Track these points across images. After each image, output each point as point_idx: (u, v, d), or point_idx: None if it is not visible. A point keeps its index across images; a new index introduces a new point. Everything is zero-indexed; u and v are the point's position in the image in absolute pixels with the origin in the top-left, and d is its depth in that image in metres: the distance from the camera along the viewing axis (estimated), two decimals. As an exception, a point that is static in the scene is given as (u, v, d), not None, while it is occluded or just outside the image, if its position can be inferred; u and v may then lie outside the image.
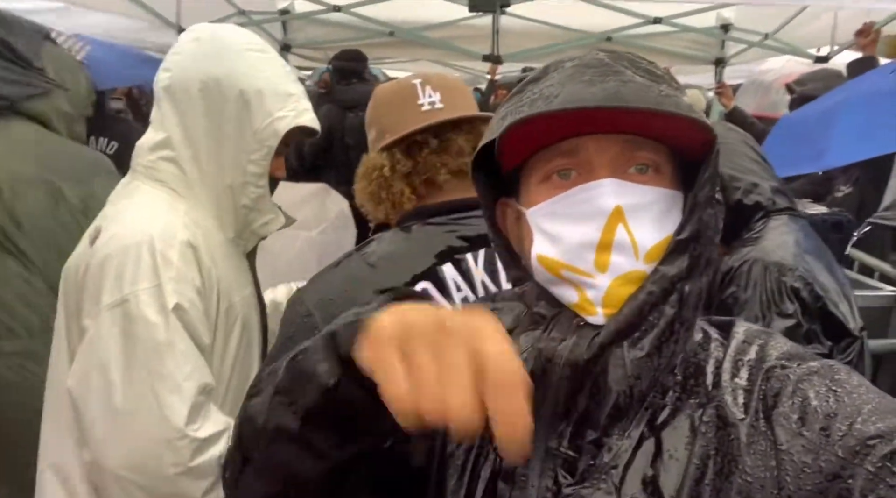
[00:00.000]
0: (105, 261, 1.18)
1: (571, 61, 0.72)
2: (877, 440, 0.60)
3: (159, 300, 1.17)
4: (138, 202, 1.28)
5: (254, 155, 1.30)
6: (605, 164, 0.70)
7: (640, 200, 0.69)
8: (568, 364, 0.69)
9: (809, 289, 1.43)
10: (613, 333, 0.68)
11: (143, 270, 1.17)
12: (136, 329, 1.15)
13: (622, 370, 0.68)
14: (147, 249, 1.18)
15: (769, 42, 4.30)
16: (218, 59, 1.28)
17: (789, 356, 0.71)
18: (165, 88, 1.29)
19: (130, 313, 1.15)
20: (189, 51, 1.30)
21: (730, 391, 0.70)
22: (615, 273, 0.68)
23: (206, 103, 1.27)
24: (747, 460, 0.66)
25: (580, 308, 0.70)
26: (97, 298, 1.17)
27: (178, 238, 1.23)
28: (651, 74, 0.70)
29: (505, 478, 0.73)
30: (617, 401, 0.69)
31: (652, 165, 0.71)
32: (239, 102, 1.27)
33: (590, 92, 0.66)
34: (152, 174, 1.30)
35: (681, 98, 0.69)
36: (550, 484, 0.70)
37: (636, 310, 0.68)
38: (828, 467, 0.61)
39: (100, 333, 1.16)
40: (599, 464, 0.69)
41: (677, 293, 0.69)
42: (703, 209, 0.70)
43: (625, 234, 0.68)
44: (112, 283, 1.17)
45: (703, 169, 0.70)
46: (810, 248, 1.53)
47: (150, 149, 1.30)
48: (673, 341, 0.70)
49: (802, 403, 0.66)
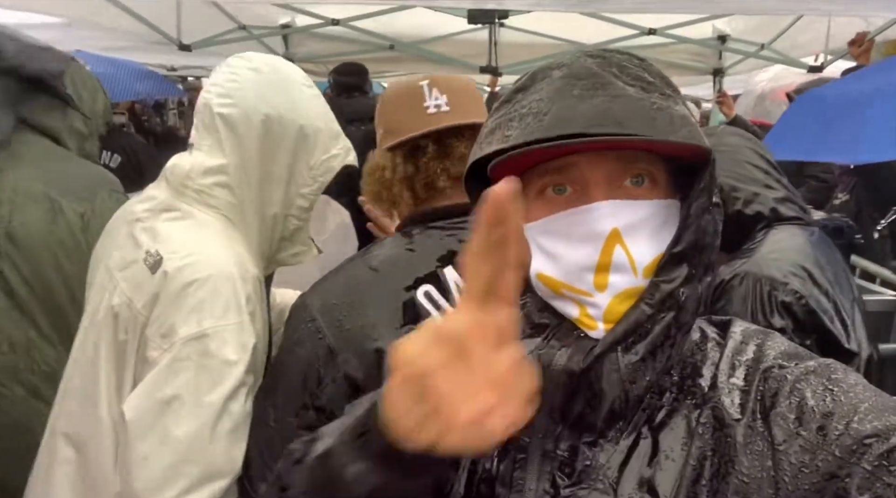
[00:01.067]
0: (180, 292, 1.14)
1: (559, 69, 0.72)
2: (873, 439, 0.60)
3: (240, 339, 1.14)
4: (200, 230, 1.24)
5: (305, 189, 1.32)
6: (600, 181, 0.69)
7: (636, 218, 0.69)
8: (564, 372, 0.69)
9: (802, 303, 1.39)
10: (610, 345, 0.68)
11: (224, 305, 1.14)
12: (214, 367, 1.11)
13: (617, 375, 0.68)
14: (226, 283, 1.15)
15: (765, 52, 4.33)
16: (281, 92, 1.29)
17: (787, 356, 0.71)
18: (224, 115, 1.26)
19: (209, 350, 1.11)
20: (250, 80, 1.28)
21: (726, 392, 0.70)
22: (614, 292, 0.68)
23: (266, 135, 1.26)
24: (744, 461, 0.66)
25: (581, 323, 0.71)
26: (170, 329, 1.12)
27: (251, 273, 1.22)
28: (642, 82, 0.70)
29: (502, 481, 0.72)
30: (612, 405, 0.69)
31: (647, 176, 0.71)
32: (298, 137, 1.28)
33: (580, 111, 0.66)
34: (205, 199, 1.26)
35: (674, 109, 0.69)
36: (548, 487, 0.70)
37: (633, 324, 0.68)
38: (825, 467, 0.61)
39: (173, 366, 1.10)
40: (596, 465, 0.69)
41: (674, 301, 0.69)
42: (699, 219, 0.70)
43: (623, 255, 0.68)
44: (187, 315, 1.12)
45: (698, 181, 0.70)
46: (815, 259, 1.47)
47: (203, 173, 1.26)
48: (668, 345, 0.70)
49: (800, 403, 0.66)
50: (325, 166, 1.32)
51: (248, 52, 1.37)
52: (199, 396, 1.10)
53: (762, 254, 1.48)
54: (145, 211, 1.29)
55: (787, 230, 1.53)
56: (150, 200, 1.30)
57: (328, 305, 1.17)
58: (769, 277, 1.41)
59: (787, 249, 1.49)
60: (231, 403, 1.12)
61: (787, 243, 1.50)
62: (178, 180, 1.28)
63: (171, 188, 1.29)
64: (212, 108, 1.27)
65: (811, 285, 1.42)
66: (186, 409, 1.09)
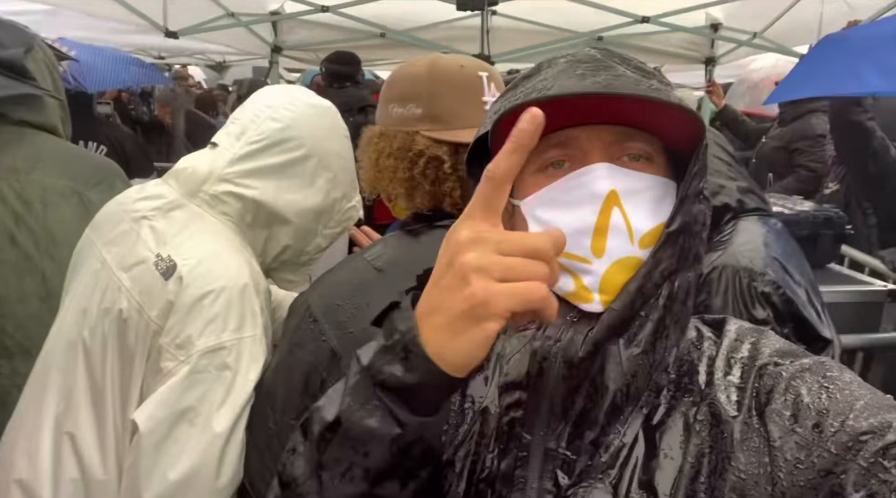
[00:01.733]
0: (197, 302, 1.13)
1: (564, 58, 0.73)
2: (869, 436, 0.60)
3: (256, 351, 1.15)
4: (213, 237, 1.23)
5: (328, 230, 1.35)
6: (598, 150, 0.70)
7: (634, 185, 0.69)
8: (564, 363, 0.69)
9: (780, 293, 1.41)
10: (607, 328, 0.68)
11: (241, 317, 1.14)
12: (231, 379, 1.11)
13: (619, 368, 0.68)
14: (242, 295, 1.15)
15: (757, 41, 4.33)
16: (329, 135, 1.33)
17: (782, 353, 0.71)
18: (271, 139, 1.27)
19: (226, 362, 1.11)
20: (305, 115, 1.30)
21: (723, 389, 0.70)
22: (612, 258, 0.68)
23: (306, 168, 1.29)
24: (741, 457, 0.66)
25: (576, 297, 0.70)
26: (186, 340, 1.12)
27: (262, 285, 1.23)
28: (642, 71, 0.71)
29: (503, 480, 0.72)
30: (614, 399, 0.69)
31: (644, 155, 0.72)
32: (333, 180, 1.32)
33: (582, 84, 0.66)
34: (218, 206, 1.26)
35: (671, 92, 0.70)
36: (550, 486, 0.70)
37: (628, 303, 0.68)
38: (821, 463, 0.62)
39: (190, 378, 1.10)
40: (597, 464, 0.69)
41: (668, 286, 0.69)
42: (693, 202, 0.70)
43: (620, 218, 0.68)
44: (205, 327, 1.12)
45: (693, 161, 0.71)
46: (780, 250, 1.51)
47: (222, 179, 1.26)
48: (665, 337, 0.70)
49: (795, 400, 0.66)
50: (349, 214, 1.37)
51: (303, 88, 1.41)
52: (214, 409, 1.10)
53: (736, 246, 1.49)
54: (153, 210, 1.26)
55: (753, 221, 1.55)
56: (157, 199, 1.28)
57: (331, 306, 1.13)
58: (747, 269, 1.42)
59: (758, 240, 1.51)
60: (243, 418, 1.13)
61: (756, 234, 1.52)
62: (193, 182, 1.27)
63: (184, 189, 1.27)
64: (262, 127, 1.27)
65: (784, 274, 1.45)
66: (201, 420, 1.09)
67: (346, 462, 0.63)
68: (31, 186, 1.57)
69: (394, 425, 0.60)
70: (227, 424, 1.10)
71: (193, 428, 1.09)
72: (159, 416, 1.09)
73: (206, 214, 1.25)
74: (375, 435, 0.61)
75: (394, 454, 0.61)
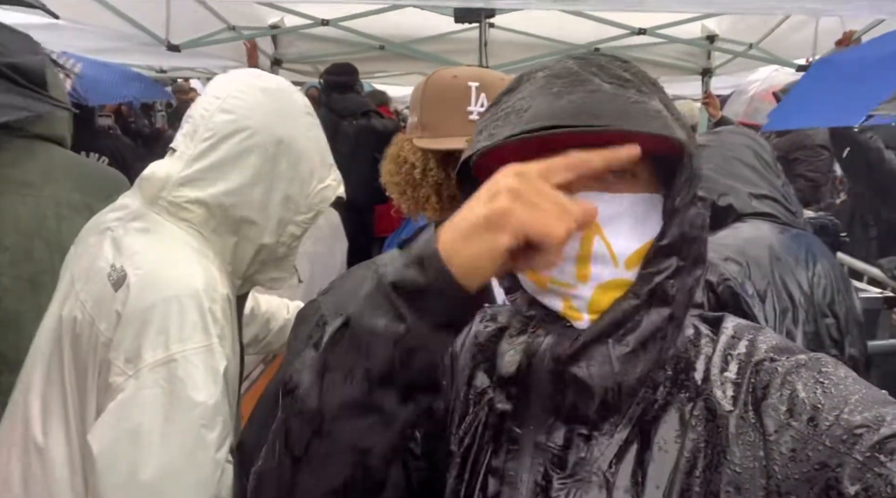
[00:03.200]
0: (145, 313, 1.08)
1: (543, 71, 0.74)
2: (864, 429, 0.61)
3: (210, 362, 1.09)
4: (169, 245, 1.18)
5: (299, 217, 1.29)
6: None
7: (614, 210, 0.70)
8: (551, 359, 0.71)
9: (727, 285, 1.46)
10: (597, 333, 0.69)
11: (191, 327, 1.09)
12: (183, 392, 1.06)
13: (608, 367, 0.69)
14: (194, 304, 1.10)
15: (753, 52, 4.36)
16: (284, 118, 1.25)
17: (778, 350, 0.72)
18: (222, 133, 1.21)
19: (177, 375, 1.06)
20: (255, 101, 1.24)
21: (719, 385, 0.71)
22: (596, 282, 0.70)
23: (264, 158, 1.22)
24: (736, 451, 0.67)
25: (566, 315, 0.72)
26: (135, 353, 1.07)
27: (220, 292, 1.17)
28: (620, 79, 0.71)
29: (495, 474, 0.73)
30: (605, 397, 0.70)
31: (629, 170, 0.72)
32: (296, 165, 1.25)
33: (558, 106, 0.67)
34: (178, 212, 1.21)
35: (650, 103, 0.70)
36: (540, 479, 0.71)
37: (619, 314, 0.69)
38: (815, 457, 0.63)
39: (139, 394, 1.05)
40: (590, 458, 0.70)
41: (663, 293, 0.70)
42: (685, 212, 0.71)
43: (602, 246, 0.69)
44: (154, 338, 1.07)
45: (679, 174, 0.71)
46: (776, 252, 1.52)
47: (179, 184, 1.21)
48: (660, 337, 0.71)
49: (791, 395, 0.67)
50: (321, 196, 1.30)
51: (256, 70, 1.34)
52: (169, 426, 1.05)
53: (714, 238, 1.53)
54: (116, 220, 1.23)
55: (754, 223, 1.58)
56: (123, 209, 1.25)
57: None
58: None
59: (739, 238, 1.54)
60: (205, 432, 1.07)
61: (742, 234, 1.55)
62: (152, 190, 1.22)
63: (144, 197, 1.23)
64: (211, 121, 1.22)
65: (749, 272, 1.48)
66: (156, 438, 1.04)
67: (349, 363, 0.63)
68: (46, 201, 1.57)
69: (399, 325, 0.61)
70: (178, 442, 1.04)
71: (149, 448, 1.03)
72: (111, 436, 1.05)
73: (165, 222, 1.20)
74: (381, 334, 0.62)
75: (396, 358, 0.62)
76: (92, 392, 1.12)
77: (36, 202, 1.57)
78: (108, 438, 1.05)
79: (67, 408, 1.15)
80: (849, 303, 1.60)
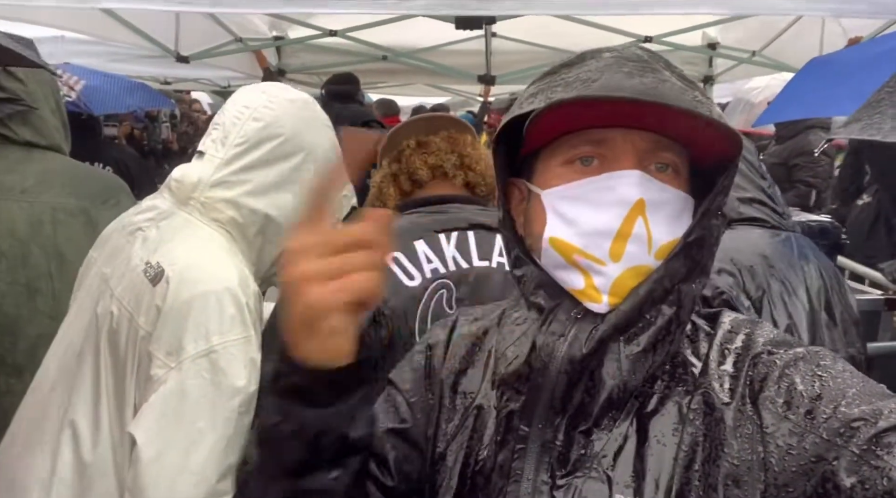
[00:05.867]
0: (185, 306, 1.12)
1: (610, 52, 0.73)
2: (860, 423, 0.61)
3: (248, 353, 1.13)
4: (202, 242, 1.23)
5: None
6: (631, 156, 0.71)
7: (660, 197, 0.71)
8: (567, 358, 0.70)
9: (722, 298, 1.45)
10: (612, 327, 0.69)
11: (230, 320, 1.13)
12: (225, 382, 1.10)
13: (617, 365, 0.70)
14: (231, 298, 1.14)
15: (757, 59, 4.37)
16: (310, 128, 1.33)
17: (776, 343, 0.73)
18: (254, 139, 1.27)
19: (219, 365, 1.10)
20: (285, 112, 1.30)
21: (716, 378, 0.72)
22: (628, 263, 0.70)
23: (292, 164, 1.29)
24: (734, 444, 0.67)
25: (584, 295, 0.71)
26: (176, 346, 1.10)
27: (252, 287, 1.22)
28: (685, 80, 0.72)
29: (500, 472, 0.73)
30: (611, 394, 0.70)
31: (672, 166, 0.73)
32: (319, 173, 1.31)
33: (629, 84, 0.67)
34: (210, 213, 1.25)
35: (713, 106, 0.71)
36: (546, 477, 0.71)
37: (636, 306, 0.69)
38: (813, 449, 0.63)
39: (184, 385, 1.09)
40: (590, 453, 0.70)
41: (676, 294, 0.70)
42: (712, 217, 0.72)
43: (643, 228, 0.69)
44: (195, 331, 1.11)
45: (724, 177, 0.72)
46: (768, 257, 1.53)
47: (212, 186, 1.26)
48: (668, 341, 0.71)
49: (788, 388, 0.67)
50: (340, 203, 1.36)
51: (281, 84, 1.43)
52: (212, 416, 1.09)
53: None
54: (147, 220, 1.27)
55: (744, 230, 1.58)
56: (152, 210, 1.29)
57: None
58: None
59: (730, 247, 1.53)
60: (243, 418, 1.11)
61: (732, 242, 1.54)
62: (184, 191, 1.27)
63: (175, 198, 1.28)
64: (243, 129, 1.27)
65: (743, 281, 1.48)
66: (197, 428, 1.08)
67: (270, 464, 0.67)
68: (41, 206, 1.59)
69: (293, 422, 0.64)
70: (223, 429, 1.09)
71: (190, 436, 1.07)
72: (154, 428, 1.08)
73: (196, 221, 1.25)
74: (283, 433, 0.65)
75: (303, 449, 0.65)
76: (131, 385, 1.15)
77: (32, 208, 1.59)
78: (153, 429, 1.08)
79: (101, 407, 1.18)
80: (844, 302, 1.60)
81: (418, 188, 1.37)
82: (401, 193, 1.38)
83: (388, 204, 1.38)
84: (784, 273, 1.53)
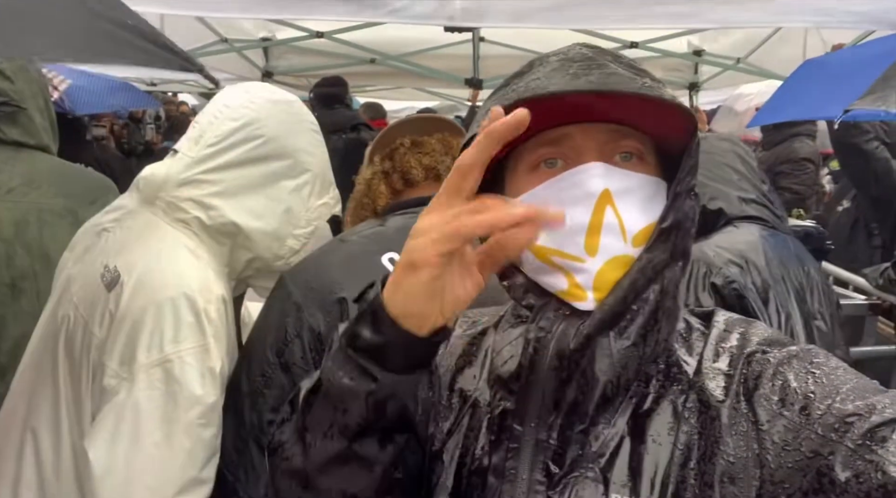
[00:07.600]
0: (138, 314, 1.08)
1: (556, 56, 0.73)
2: (855, 418, 0.62)
3: (205, 362, 1.09)
4: (164, 245, 1.18)
5: (298, 231, 1.30)
6: (592, 149, 0.71)
7: (627, 184, 0.70)
8: (555, 354, 0.70)
9: (733, 287, 1.47)
10: (599, 322, 0.69)
11: (186, 327, 1.09)
12: (180, 393, 1.05)
13: (609, 359, 0.69)
14: (188, 305, 1.10)
15: (742, 66, 4.42)
16: (294, 131, 1.28)
17: (770, 342, 0.73)
18: (231, 139, 1.22)
19: (173, 375, 1.06)
20: (265, 111, 1.26)
21: (711, 376, 0.72)
22: (605, 256, 0.69)
23: (270, 168, 1.24)
24: (729, 442, 0.67)
25: (569, 295, 0.71)
26: (129, 355, 1.06)
27: (215, 292, 1.16)
28: (633, 68, 0.72)
29: (495, 472, 0.73)
30: (604, 390, 0.70)
31: (636, 153, 0.73)
32: (300, 178, 1.27)
33: (576, 83, 0.67)
34: (175, 213, 1.20)
35: (664, 89, 0.71)
36: (541, 476, 0.71)
37: (621, 298, 0.69)
38: (808, 445, 0.63)
39: (135, 397, 1.04)
40: (587, 453, 0.70)
41: (660, 281, 0.70)
42: (685, 199, 0.72)
43: (613, 217, 0.69)
44: (148, 340, 1.06)
45: (686, 158, 0.72)
46: (767, 255, 1.55)
47: (179, 184, 1.21)
48: (657, 330, 0.71)
49: (783, 385, 0.67)
50: (319, 212, 1.33)
51: (265, 83, 1.39)
52: (167, 428, 1.04)
53: (709, 242, 1.56)
54: (112, 221, 1.23)
55: (746, 227, 1.61)
56: (119, 210, 1.25)
57: (298, 270, 1.25)
58: (707, 261, 1.49)
59: (736, 241, 1.56)
60: (201, 430, 1.07)
61: (738, 237, 1.58)
62: (150, 189, 1.22)
63: (142, 196, 1.23)
64: (220, 128, 1.23)
65: (750, 274, 1.50)
66: (156, 440, 1.04)
67: (326, 421, 0.67)
68: (27, 206, 1.58)
69: (368, 381, 0.64)
70: (179, 442, 1.04)
71: (143, 450, 1.03)
72: (106, 443, 1.04)
73: (161, 222, 1.20)
74: (352, 392, 0.65)
75: (370, 410, 0.65)
76: (87, 394, 1.11)
77: (17, 208, 1.58)
78: (104, 444, 1.04)
79: (60, 413, 1.14)
80: (832, 307, 1.63)
81: (410, 188, 1.34)
82: (392, 192, 1.35)
83: (378, 201, 1.35)
84: (784, 271, 1.55)
